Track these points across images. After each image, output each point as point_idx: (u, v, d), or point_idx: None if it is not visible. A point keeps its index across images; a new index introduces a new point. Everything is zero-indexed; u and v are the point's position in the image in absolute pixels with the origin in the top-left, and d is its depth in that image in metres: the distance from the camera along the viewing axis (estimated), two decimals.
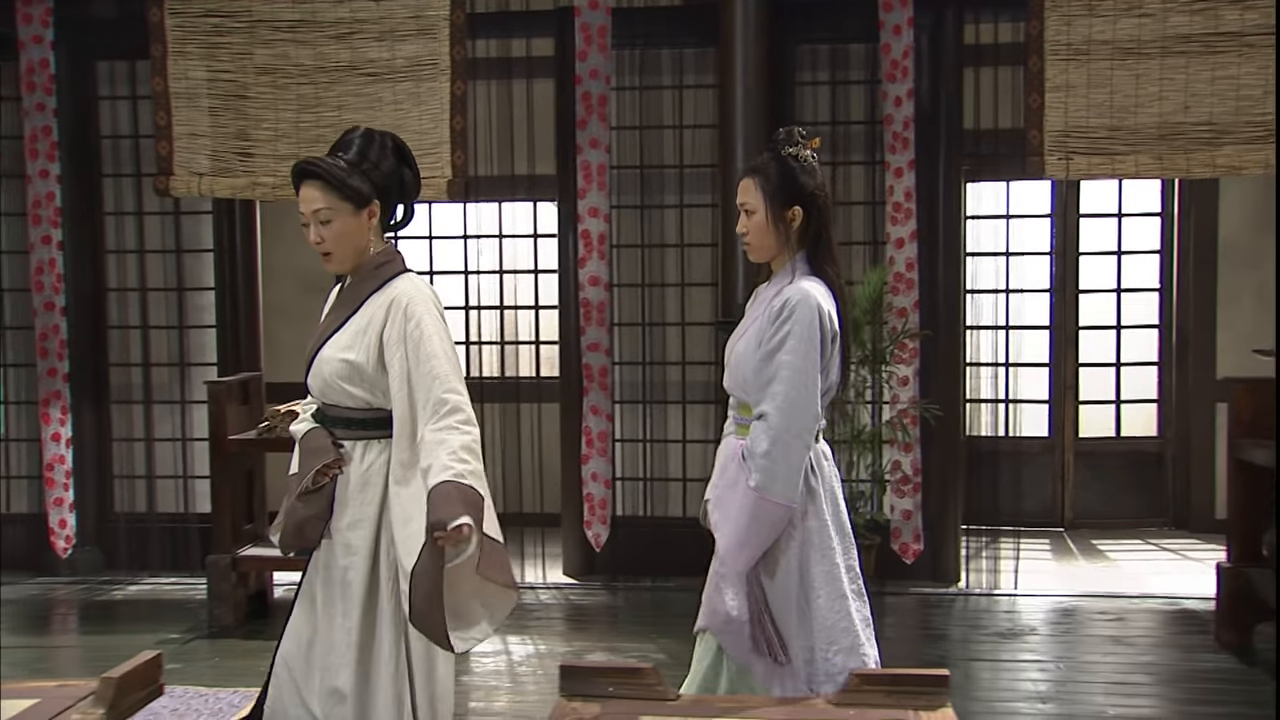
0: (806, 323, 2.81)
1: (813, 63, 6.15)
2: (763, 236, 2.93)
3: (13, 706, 2.44)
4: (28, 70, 6.14)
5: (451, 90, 5.97)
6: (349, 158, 2.78)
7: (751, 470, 2.81)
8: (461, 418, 2.67)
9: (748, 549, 2.83)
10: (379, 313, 2.73)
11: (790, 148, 2.94)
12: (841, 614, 2.88)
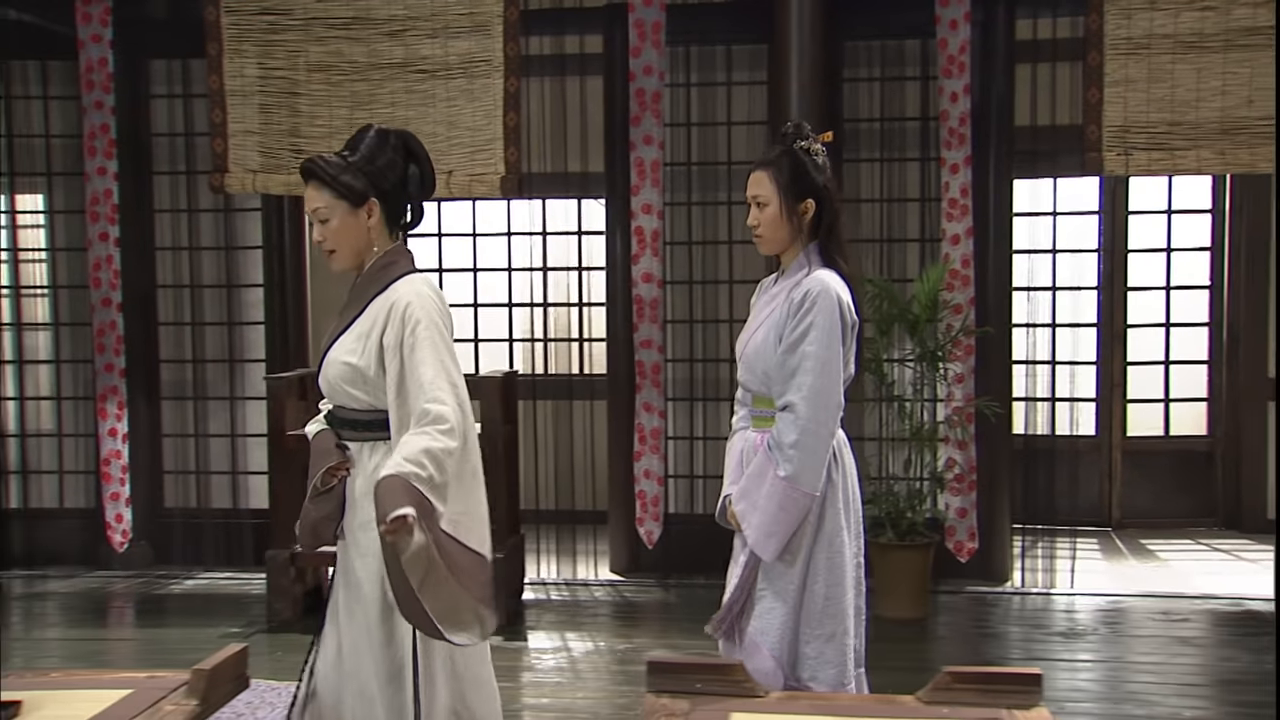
0: (828, 313, 2.84)
1: (868, 59, 6.13)
2: (775, 229, 2.95)
3: (107, 696, 2.46)
4: (86, 69, 6.19)
5: (505, 87, 5.97)
6: (349, 156, 2.78)
7: (780, 460, 2.84)
8: (442, 427, 2.59)
9: (775, 538, 2.87)
10: (380, 316, 2.71)
11: (801, 141, 2.96)
12: (834, 601, 2.91)
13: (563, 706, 4.33)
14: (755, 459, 2.93)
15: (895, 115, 6.15)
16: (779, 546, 2.88)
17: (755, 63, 6.27)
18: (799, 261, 2.95)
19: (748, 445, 3.00)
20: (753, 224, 2.99)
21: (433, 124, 6.06)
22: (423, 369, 2.63)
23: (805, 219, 2.94)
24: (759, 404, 3.00)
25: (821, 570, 2.91)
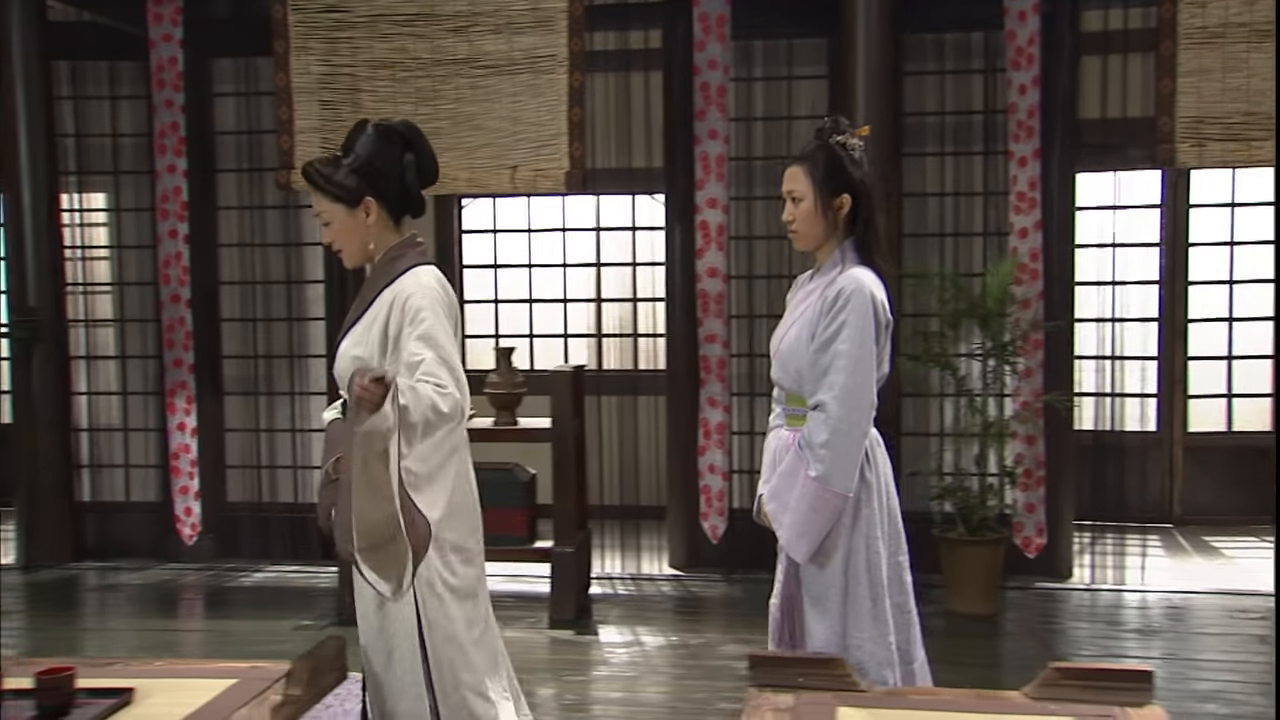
0: (861, 311, 2.80)
1: (936, 52, 6.08)
2: (810, 224, 2.91)
3: (213, 685, 2.49)
4: (157, 68, 6.26)
5: (569, 82, 5.98)
6: (343, 157, 2.78)
7: (811, 460, 2.80)
8: (439, 385, 2.61)
9: (807, 539, 2.84)
10: (384, 308, 2.73)
11: (838, 136, 2.92)
12: (877, 603, 2.88)
13: (638, 701, 4.33)
14: (786, 458, 2.90)
15: (961, 109, 6.10)
16: (811, 548, 2.85)
17: (818, 57, 6.25)
18: (834, 258, 2.92)
19: (780, 444, 2.98)
20: (788, 219, 2.96)
21: (497, 119, 6.08)
22: (422, 354, 2.65)
23: (841, 214, 2.90)
24: (792, 402, 2.97)
25: (862, 572, 2.87)
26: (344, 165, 2.77)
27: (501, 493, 5.19)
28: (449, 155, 6.14)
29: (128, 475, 6.81)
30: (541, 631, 5.08)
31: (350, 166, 2.76)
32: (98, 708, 2.35)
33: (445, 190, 6.13)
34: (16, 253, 6.26)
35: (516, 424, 5.30)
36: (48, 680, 2.33)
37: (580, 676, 4.56)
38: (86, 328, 6.79)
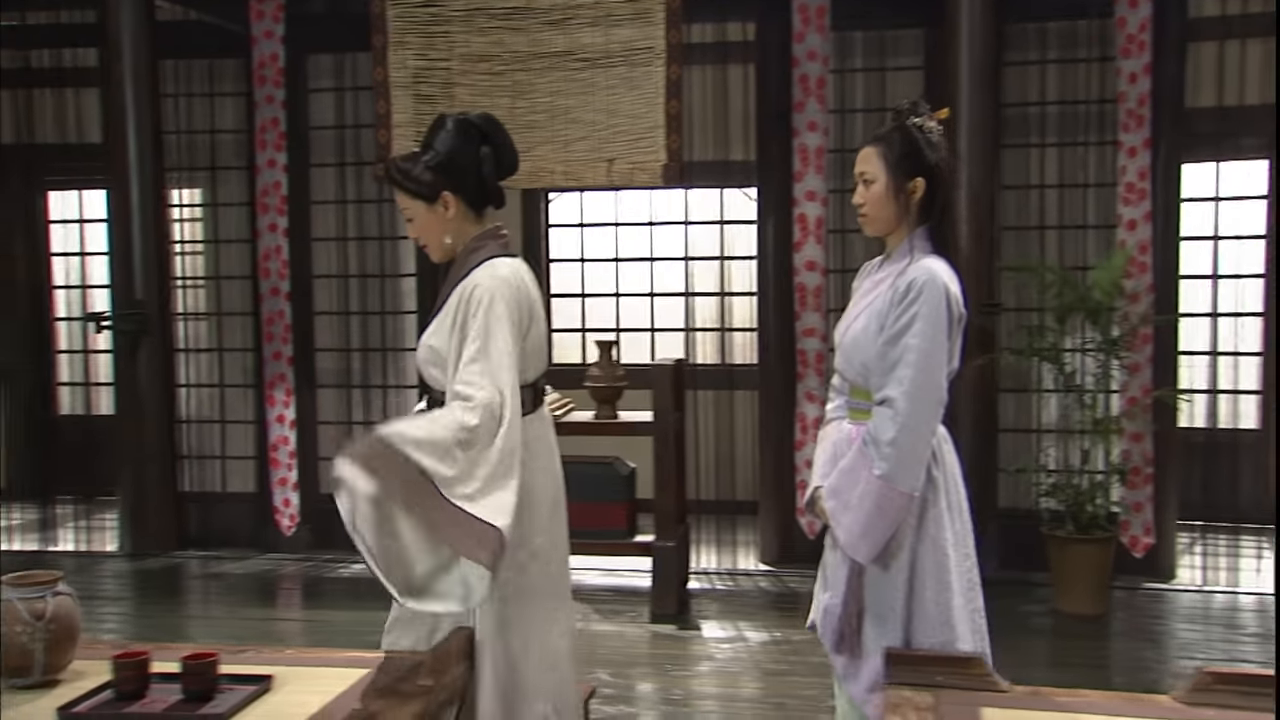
0: (934, 304, 2.67)
1: (1040, 41, 5.96)
2: (881, 208, 2.78)
3: (346, 675, 2.50)
4: (259, 64, 6.35)
5: (667, 74, 5.97)
6: (421, 153, 2.79)
7: (876, 458, 2.68)
8: (467, 404, 2.61)
9: (869, 540, 2.72)
10: (455, 300, 2.74)
11: (915, 118, 2.79)
12: (944, 607, 2.75)
13: (746, 697, 4.30)
14: (849, 454, 2.78)
15: (1065, 99, 5.96)
16: (873, 550, 2.72)
17: (917, 48, 6.16)
18: (904, 246, 2.79)
19: (842, 437, 2.85)
20: (858, 202, 2.83)
21: (594, 112, 6.08)
22: (467, 349, 2.66)
23: (914, 199, 2.77)
24: (856, 395, 2.84)
25: (929, 576, 2.74)
26: (422, 161, 2.79)
27: (603, 487, 5.19)
28: (545, 149, 6.16)
29: (223, 466, 6.93)
30: (643, 626, 5.07)
31: (428, 162, 2.78)
32: (240, 694, 2.37)
33: (541, 184, 6.14)
34: (124, 247, 6.38)
35: (617, 417, 5.28)
36: (193, 665, 2.36)
37: (685, 671, 4.53)
38: (185, 321, 6.92)
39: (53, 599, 2.46)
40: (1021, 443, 5.97)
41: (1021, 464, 5.58)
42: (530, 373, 2.85)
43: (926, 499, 2.73)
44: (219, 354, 6.98)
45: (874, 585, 2.77)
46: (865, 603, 2.79)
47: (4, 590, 2.46)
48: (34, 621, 2.41)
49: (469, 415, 2.60)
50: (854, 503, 2.72)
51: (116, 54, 6.28)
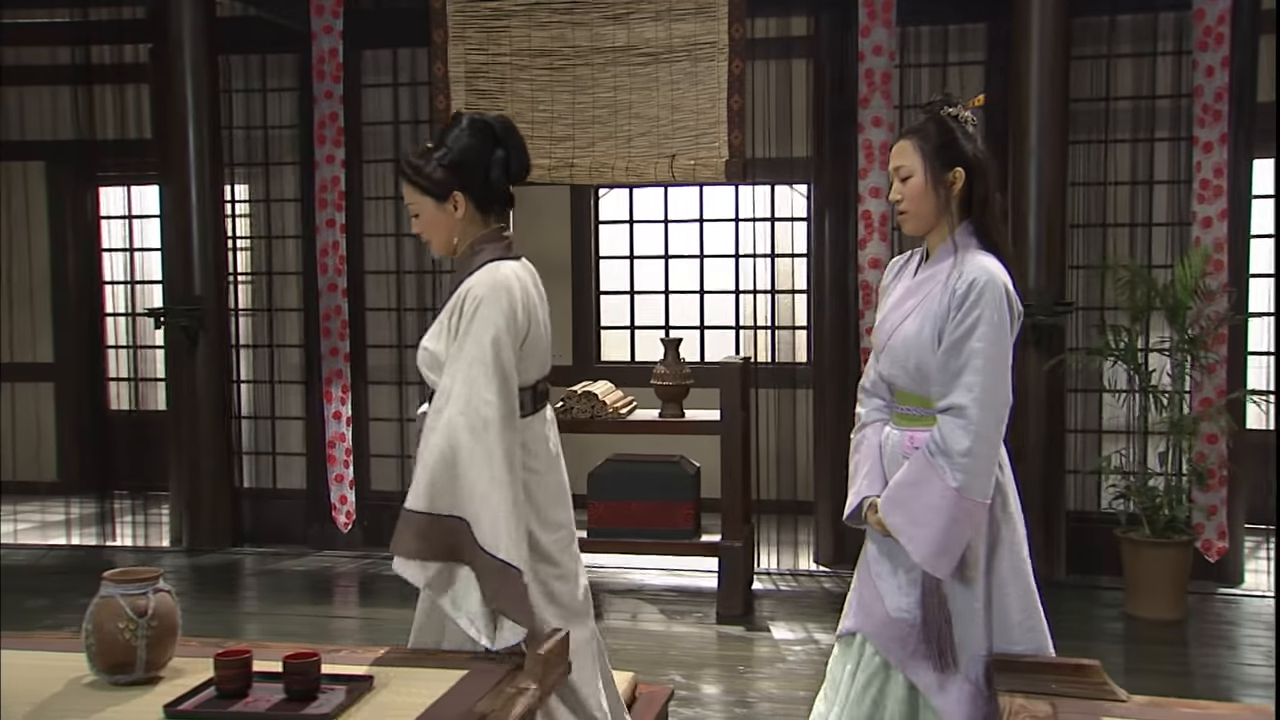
0: (996, 305, 2.58)
1: (1110, 35, 5.86)
2: (920, 202, 2.68)
3: (443, 675, 2.46)
4: (318, 59, 6.33)
5: (729, 69, 5.90)
6: (434, 150, 2.74)
7: (949, 470, 2.57)
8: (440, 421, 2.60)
9: (950, 554, 2.61)
10: (452, 303, 2.71)
11: (949, 108, 2.70)
12: (1030, 612, 2.68)
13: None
14: (909, 465, 2.66)
15: (1138, 94, 5.85)
16: (954, 563, 2.62)
17: (980, 43, 6.08)
18: (948, 243, 2.68)
19: (891, 444, 2.74)
20: (895, 199, 2.72)
21: (655, 108, 6.02)
22: (458, 354, 2.62)
23: (954, 191, 2.67)
24: (907, 400, 2.72)
25: (1009, 581, 2.67)
26: (434, 158, 2.74)
27: (670, 486, 5.14)
28: (605, 145, 6.11)
29: (274, 462, 6.93)
30: (710, 627, 5.00)
31: (440, 160, 2.73)
32: (342, 693, 2.33)
33: (602, 180, 6.10)
34: (182, 243, 6.39)
35: (683, 416, 5.23)
36: (296, 664, 2.33)
37: (758, 674, 4.46)
38: (238, 316, 6.91)
39: (154, 595, 2.43)
40: (1089, 444, 5.88)
41: (1095, 465, 5.48)
42: (530, 374, 2.79)
43: (994, 503, 2.66)
44: (271, 350, 6.97)
45: (956, 598, 2.68)
46: (951, 614, 2.68)
47: (105, 587, 2.44)
48: (136, 618, 2.38)
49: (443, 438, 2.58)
50: (926, 518, 2.61)
51: (177, 50, 6.28)
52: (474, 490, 2.58)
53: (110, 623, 2.37)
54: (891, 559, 2.74)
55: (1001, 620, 2.67)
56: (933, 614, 2.68)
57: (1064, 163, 5.54)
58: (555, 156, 6.07)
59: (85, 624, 2.40)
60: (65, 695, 2.36)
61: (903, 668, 2.71)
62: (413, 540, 2.62)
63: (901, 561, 2.70)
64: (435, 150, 2.75)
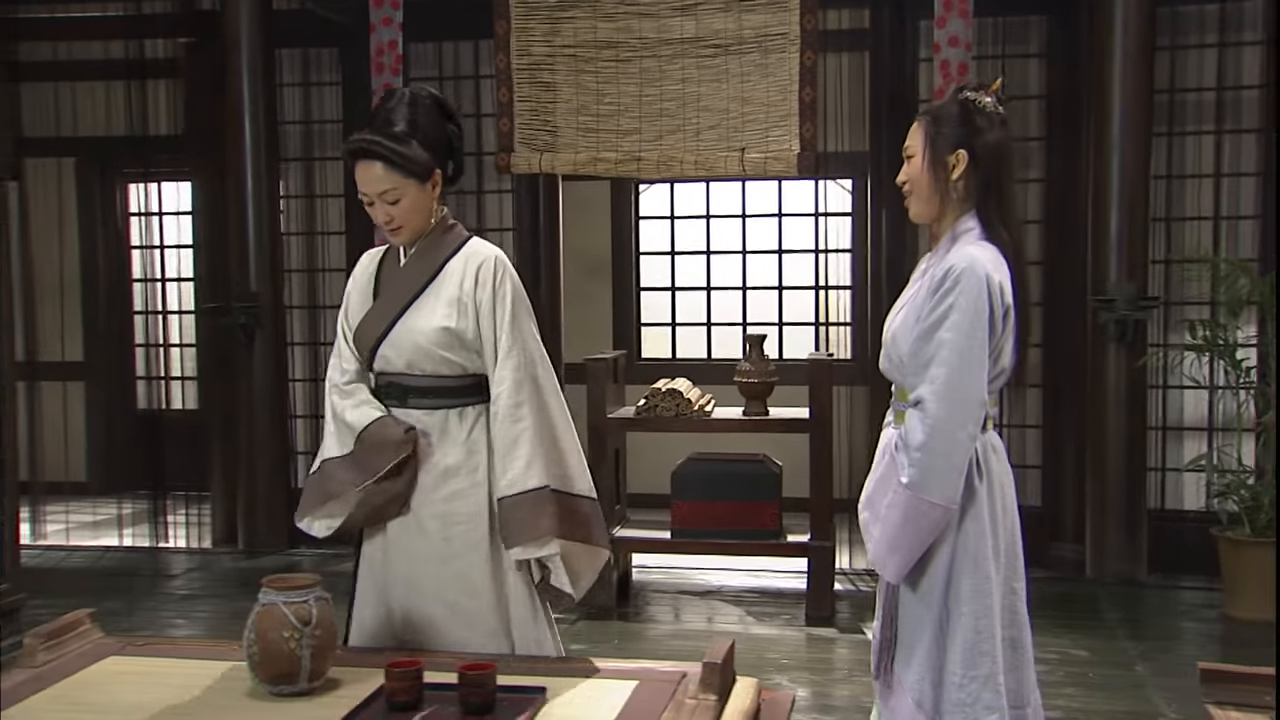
0: (973, 295, 2.41)
1: (1199, 25, 5.76)
2: (919, 185, 2.55)
3: (614, 687, 2.35)
4: (377, 52, 6.21)
5: (801, 60, 5.80)
6: (401, 130, 2.62)
7: (905, 465, 2.42)
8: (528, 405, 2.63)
9: (899, 554, 2.48)
10: (467, 277, 2.63)
11: (970, 92, 2.57)
12: (985, 636, 2.48)
13: None
14: (883, 462, 2.55)
15: (1226, 84, 5.74)
16: (903, 566, 2.49)
17: (1048, 35, 5.99)
18: (952, 232, 2.53)
19: (887, 444, 2.60)
20: (900, 181, 2.60)
21: (725, 100, 5.92)
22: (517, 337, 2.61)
23: (953, 176, 2.51)
24: (900, 396, 2.58)
25: (966, 598, 2.48)
26: (413, 140, 2.62)
27: (755, 486, 5.03)
28: (673, 137, 6.00)
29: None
30: (801, 629, 4.87)
31: (420, 141, 2.63)
32: (520, 705, 2.22)
33: (671, 174, 6.00)
34: (239, 238, 6.28)
35: (768, 414, 5.12)
36: (472, 676, 2.22)
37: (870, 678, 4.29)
38: (290, 312, 6.79)
39: (315, 603, 2.32)
40: (1171, 441, 5.78)
41: (1190, 463, 5.39)
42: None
43: (965, 511, 2.47)
44: (316, 347, 6.86)
45: (905, 606, 2.54)
46: (898, 626, 2.56)
47: (265, 594, 2.32)
48: (300, 627, 2.27)
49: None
50: (882, 514, 2.49)
51: (234, 44, 6.16)
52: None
53: (274, 631, 2.27)
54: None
55: (957, 640, 2.48)
56: (885, 625, 2.57)
57: (1146, 155, 5.45)
58: (622, 150, 5.97)
59: (247, 632, 2.29)
60: (233, 709, 2.25)
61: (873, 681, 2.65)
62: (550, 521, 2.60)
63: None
64: (409, 131, 2.62)
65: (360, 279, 2.79)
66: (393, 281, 2.71)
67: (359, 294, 2.76)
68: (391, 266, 2.74)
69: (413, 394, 2.68)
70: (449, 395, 2.67)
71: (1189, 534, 5.44)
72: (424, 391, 2.68)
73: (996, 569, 2.53)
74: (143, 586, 5.80)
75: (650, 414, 4.94)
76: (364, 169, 2.61)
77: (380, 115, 2.66)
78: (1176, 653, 4.58)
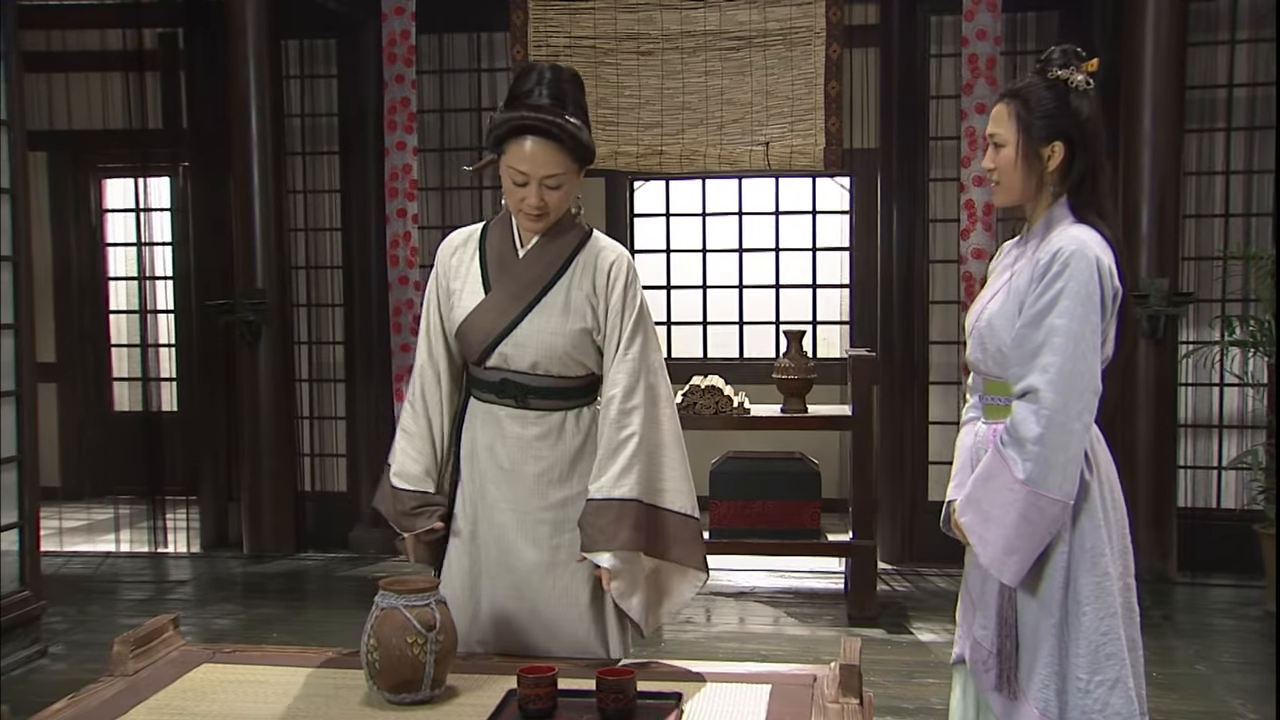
0: (1084, 279, 2.30)
1: (1229, 20, 5.73)
2: (1010, 174, 2.43)
3: (749, 692, 2.24)
4: (389, 42, 6.05)
5: (826, 54, 5.74)
6: (571, 111, 2.40)
7: (1019, 460, 2.31)
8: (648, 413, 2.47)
9: (1017, 555, 2.35)
10: (599, 275, 2.45)
11: (1060, 70, 2.40)
12: (1110, 637, 2.37)
13: None
14: (985, 459, 2.42)
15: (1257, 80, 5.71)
16: (1022, 568, 2.36)
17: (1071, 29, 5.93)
18: (1045, 218, 2.42)
19: (978, 441, 2.50)
20: (988, 167, 2.48)
21: (749, 93, 5.84)
22: (646, 344, 2.46)
23: (1049, 166, 2.40)
24: (991, 390, 2.48)
25: (1087, 598, 2.37)
26: (582, 124, 2.42)
27: (795, 484, 4.92)
28: (695, 131, 5.91)
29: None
30: (845, 629, 4.75)
31: (583, 122, 2.43)
32: (658, 711, 2.10)
33: (694, 168, 5.89)
34: (244, 234, 6.07)
35: (806, 411, 5.02)
36: (611, 682, 2.09)
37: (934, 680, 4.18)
38: (295, 310, 6.59)
39: (437, 606, 2.18)
40: (1200, 438, 5.75)
41: (1238, 459, 5.35)
42: None
43: (1080, 508, 2.37)
44: (311, 346, 6.64)
45: (1024, 611, 2.42)
46: (1019, 634, 2.43)
47: (385, 597, 2.18)
48: (425, 632, 2.13)
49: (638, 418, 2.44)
50: (995, 514, 2.36)
51: (240, 33, 5.96)
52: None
53: (396, 637, 2.12)
54: (982, 572, 2.48)
55: (1080, 643, 2.38)
56: (1003, 632, 2.44)
57: (1178, 151, 5.41)
58: (643, 144, 5.86)
59: (367, 638, 2.15)
60: (357, 719, 2.10)
61: (985, 694, 2.50)
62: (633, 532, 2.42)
63: (989, 574, 2.44)
64: (576, 113, 2.40)
65: (458, 267, 2.54)
66: (510, 273, 2.49)
67: (462, 283, 2.52)
68: (504, 256, 2.51)
69: (533, 394, 2.49)
70: (569, 396, 2.52)
71: (1218, 531, 5.40)
72: (546, 392, 2.50)
73: (1114, 565, 2.43)
74: (153, 593, 5.59)
75: (689, 411, 4.82)
76: (536, 148, 2.35)
77: (536, 90, 2.39)
78: (1232, 651, 4.53)
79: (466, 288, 2.52)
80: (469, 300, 2.51)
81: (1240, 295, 5.52)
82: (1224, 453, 5.72)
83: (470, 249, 2.56)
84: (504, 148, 2.39)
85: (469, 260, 2.55)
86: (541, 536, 2.51)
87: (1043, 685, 2.41)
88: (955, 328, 6.01)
